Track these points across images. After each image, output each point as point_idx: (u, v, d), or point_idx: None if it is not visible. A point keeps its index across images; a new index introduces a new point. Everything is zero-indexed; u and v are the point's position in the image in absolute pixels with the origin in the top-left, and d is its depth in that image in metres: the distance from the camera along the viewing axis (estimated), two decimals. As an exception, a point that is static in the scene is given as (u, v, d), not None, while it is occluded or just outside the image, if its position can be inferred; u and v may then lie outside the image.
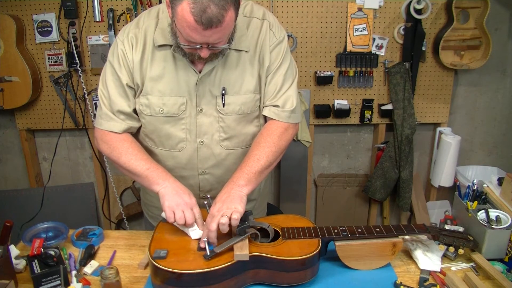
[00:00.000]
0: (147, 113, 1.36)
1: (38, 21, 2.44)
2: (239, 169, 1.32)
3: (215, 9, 1.07)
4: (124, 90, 1.34)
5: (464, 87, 2.79)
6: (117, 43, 1.33)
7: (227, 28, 1.13)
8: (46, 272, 1.16)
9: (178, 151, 1.41)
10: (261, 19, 1.35)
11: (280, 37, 1.36)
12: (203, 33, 1.11)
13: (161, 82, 1.32)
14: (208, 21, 1.08)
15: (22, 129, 2.66)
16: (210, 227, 1.19)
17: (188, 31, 1.11)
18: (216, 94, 1.34)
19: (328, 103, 2.69)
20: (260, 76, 1.37)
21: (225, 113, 1.37)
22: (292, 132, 1.43)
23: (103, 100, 1.36)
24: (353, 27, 2.53)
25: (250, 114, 1.40)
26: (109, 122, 1.36)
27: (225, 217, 1.19)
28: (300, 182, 2.84)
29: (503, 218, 1.35)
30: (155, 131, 1.40)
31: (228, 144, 1.42)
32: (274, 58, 1.36)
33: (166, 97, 1.33)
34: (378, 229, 1.27)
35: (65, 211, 2.75)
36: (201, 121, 1.37)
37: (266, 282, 1.20)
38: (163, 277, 1.12)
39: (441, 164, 2.69)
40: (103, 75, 1.37)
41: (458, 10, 2.46)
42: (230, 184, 1.29)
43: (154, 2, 2.40)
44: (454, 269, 1.29)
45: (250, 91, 1.36)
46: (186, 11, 1.08)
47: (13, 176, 2.87)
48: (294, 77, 1.42)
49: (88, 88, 2.57)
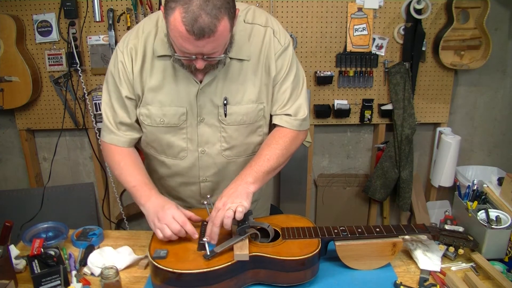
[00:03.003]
0: (147, 123, 1.35)
1: (38, 21, 2.44)
2: (248, 166, 1.32)
3: (207, 18, 1.04)
4: (124, 102, 1.33)
5: (464, 87, 2.79)
6: (117, 54, 1.31)
7: (220, 38, 1.10)
8: (46, 272, 1.16)
9: (179, 159, 1.41)
10: (264, 26, 1.32)
11: (285, 44, 1.33)
12: (195, 43, 1.08)
13: (161, 92, 1.31)
14: (200, 31, 1.05)
15: (22, 129, 2.65)
16: (215, 222, 1.19)
17: (181, 41, 1.09)
18: (217, 104, 1.32)
19: (328, 103, 2.69)
20: (266, 86, 1.34)
21: (227, 123, 1.35)
22: (303, 138, 1.44)
23: (105, 111, 1.36)
24: (353, 27, 2.53)
25: (253, 124, 1.39)
26: (110, 135, 1.37)
27: (230, 210, 1.18)
28: (300, 182, 2.84)
29: (503, 218, 1.35)
30: (156, 140, 1.39)
31: (230, 153, 1.42)
32: (280, 66, 1.34)
33: (166, 108, 1.32)
34: (378, 229, 1.27)
35: (65, 211, 2.75)
36: (202, 130, 1.36)
37: (266, 282, 1.20)
38: (163, 277, 1.12)
39: (441, 164, 2.69)
40: (105, 85, 1.37)
41: (458, 10, 2.46)
42: (238, 181, 1.29)
43: (154, 2, 2.40)
44: (454, 269, 1.29)
45: (252, 101, 1.34)
46: (177, 21, 1.05)
47: (13, 176, 2.86)
48: (302, 82, 1.41)
49: (88, 88, 2.57)
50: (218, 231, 1.19)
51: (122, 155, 1.38)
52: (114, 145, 1.38)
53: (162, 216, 1.22)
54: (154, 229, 1.24)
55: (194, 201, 1.52)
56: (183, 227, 1.21)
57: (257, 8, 1.35)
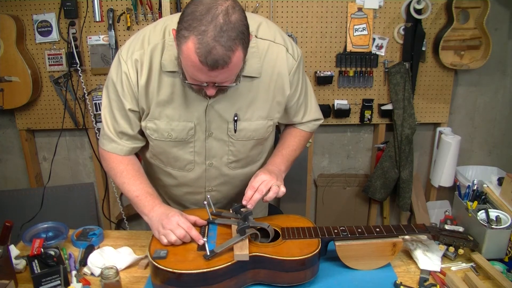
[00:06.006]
0: (155, 137, 1.33)
1: (38, 21, 2.44)
2: (280, 154, 1.40)
3: (221, 50, 1.01)
4: (127, 114, 1.30)
5: (464, 87, 2.79)
6: (121, 63, 1.24)
7: (234, 69, 1.07)
8: (46, 272, 1.16)
9: (186, 171, 1.41)
10: (275, 42, 1.28)
11: (298, 58, 1.32)
12: (208, 73, 1.05)
13: (169, 107, 1.27)
14: (213, 62, 1.02)
15: (22, 129, 2.65)
16: (261, 189, 1.25)
17: (193, 70, 1.06)
18: (227, 119, 1.31)
19: (328, 103, 2.69)
20: (278, 103, 1.34)
21: (236, 139, 1.35)
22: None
23: (106, 120, 1.33)
24: (353, 27, 2.53)
25: (261, 138, 1.39)
26: (111, 144, 1.35)
27: (276, 186, 1.27)
28: (300, 182, 2.84)
29: (503, 218, 1.35)
30: (163, 153, 1.38)
31: (236, 165, 1.42)
32: (296, 82, 1.34)
33: (174, 123, 1.29)
34: (378, 229, 1.27)
35: (65, 211, 2.75)
36: (210, 145, 1.35)
37: (266, 282, 1.20)
38: (163, 277, 1.12)
39: (441, 164, 2.69)
40: (105, 91, 1.32)
41: (458, 10, 2.46)
42: (273, 166, 1.36)
43: (154, 2, 2.40)
44: (454, 269, 1.29)
45: (263, 118, 1.34)
46: (191, 50, 1.02)
47: (13, 176, 2.86)
48: (309, 83, 1.46)
49: (88, 88, 2.57)
50: (259, 199, 1.26)
51: (123, 164, 1.35)
52: (115, 154, 1.36)
53: (166, 223, 1.22)
54: (158, 236, 1.23)
55: (197, 208, 1.51)
56: (188, 232, 1.20)
57: (267, 21, 1.31)
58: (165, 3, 2.28)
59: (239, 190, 1.49)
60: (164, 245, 1.21)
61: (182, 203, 1.53)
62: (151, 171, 1.50)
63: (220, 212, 1.34)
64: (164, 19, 1.29)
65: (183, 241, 1.21)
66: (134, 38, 1.28)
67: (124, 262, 1.29)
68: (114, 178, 1.37)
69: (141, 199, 1.30)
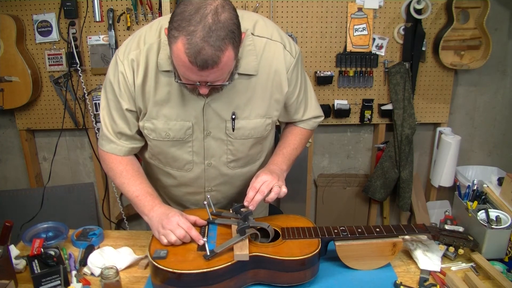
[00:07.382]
0: (152, 137, 1.33)
1: (38, 21, 2.44)
2: (281, 153, 1.40)
3: (210, 50, 1.00)
4: (124, 114, 1.30)
5: (464, 87, 2.79)
6: (117, 63, 1.25)
7: (224, 68, 1.07)
8: (46, 272, 1.16)
9: (185, 171, 1.41)
10: (273, 39, 1.27)
11: (296, 54, 1.31)
12: (199, 73, 1.05)
13: (166, 106, 1.27)
14: (203, 62, 1.02)
15: (22, 129, 2.65)
16: (262, 189, 1.24)
17: (184, 70, 1.07)
18: (225, 118, 1.30)
19: (328, 103, 2.69)
20: (276, 101, 1.33)
21: (234, 137, 1.34)
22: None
23: (104, 121, 1.33)
24: (353, 27, 2.53)
25: (259, 137, 1.39)
26: (110, 145, 1.35)
27: (277, 187, 1.25)
28: (300, 182, 2.84)
29: (503, 218, 1.35)
30: (161, 153, 1.38)
31: (235, 165, 1.42)
32: (295, 79, 1.34)
33: (172, 122, 1.29)
34: (378, 229, 1.27)
35: (65, 211, 2.75)
36: (209, 144, 1.35)
37: (266, 282, 1.20)
38: (163, 277, 1.12)
39: (441, 164, 2.69)
40: (103, 92, 1.32)
41: (458, 10, 2.46)
42: (274, 166, 1.35)
43: (154, 2, 2.40)
44: (454, 269, 1.29)
45: (261, 116, 1.34)
46: (181, 51, 1.02)
47: (13, 176, 2.87)
48: (309, 81, 1.45)
49: (88, 88, 2.57)
50: (260, 200, 1.25)
51: (123, 164, 1.36)
52: (114, 155, 1.36)
53: (166, 223, 1.22)
54: (158, 236, 1.23)
55: (197, 208, 1.51)
56: (188, 233, 1.20)
57: (264, 19, 1.31)
58: (165, 3, 2.28)
59: (239, 190, 1.49)
60: (164, 245, 1.21)
61: (182, 203, 1.52)
62: (151, 172, 1.50)
63: (220, 212, 1.35)
64: (159, 19, 1.29)
65: (183, 241, 1.21)
66: (131, 38, 1.28)
67: (124, 262, 1.29)
68: (114, 178, 1.37)
69: (141, 199, 1.30)
